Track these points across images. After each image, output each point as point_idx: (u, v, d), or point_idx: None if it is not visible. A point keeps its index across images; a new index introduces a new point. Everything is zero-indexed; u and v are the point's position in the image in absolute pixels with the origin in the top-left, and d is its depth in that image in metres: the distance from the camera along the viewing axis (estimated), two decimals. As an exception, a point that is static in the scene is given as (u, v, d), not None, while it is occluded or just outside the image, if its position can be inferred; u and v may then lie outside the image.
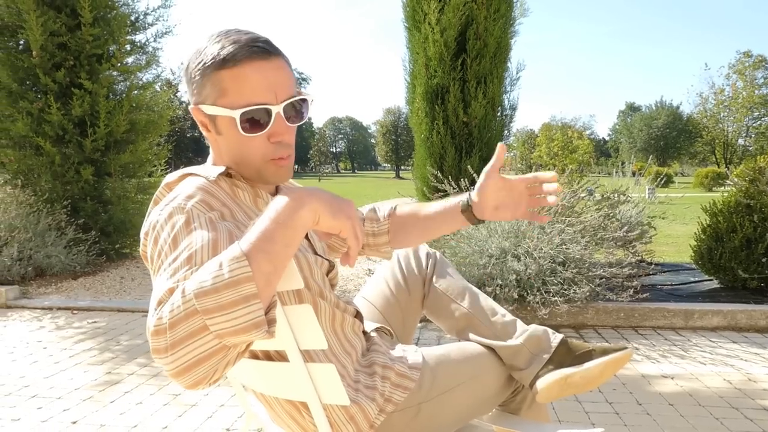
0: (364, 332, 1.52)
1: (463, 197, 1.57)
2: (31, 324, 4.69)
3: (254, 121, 1.19)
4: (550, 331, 1.64)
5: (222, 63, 1.17)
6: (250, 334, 0.87)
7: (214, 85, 1.19)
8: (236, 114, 1.17)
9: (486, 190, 1.52)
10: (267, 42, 1.22)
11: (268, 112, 1.19)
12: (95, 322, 4.75)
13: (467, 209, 1.55)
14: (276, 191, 1.38)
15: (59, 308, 5.17)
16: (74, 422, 2.85)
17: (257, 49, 1.18)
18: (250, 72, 1.17)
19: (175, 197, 1.14)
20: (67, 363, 3.72)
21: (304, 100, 1.26)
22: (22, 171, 7.11)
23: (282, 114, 1.21)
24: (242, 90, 1.17)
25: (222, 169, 1.25)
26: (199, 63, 1.20)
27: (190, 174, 1.25)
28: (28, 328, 4.57)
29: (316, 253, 1.38)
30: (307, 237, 1.40)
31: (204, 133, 1.28)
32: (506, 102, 6.38)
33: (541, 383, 1.55)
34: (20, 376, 3.48)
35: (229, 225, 1.11)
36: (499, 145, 1.47)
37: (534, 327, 1.65)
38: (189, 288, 0.86)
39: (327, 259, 1.40)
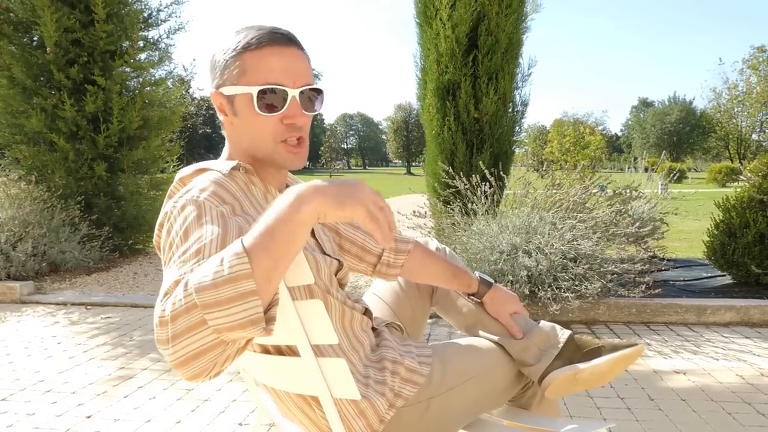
0: (374, 328, 1.53)
1: (479, 288, 1.71)
2: (46, 319, 4.74)
3: (270, 102, 1.23)
4: (558, 327, 1.64)
5: (245, 47, 1.24)
6: (246, 330, 0.87)
7: (236, 66, 1.24)
8: (254, 90, 1.22)
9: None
10: (289, 33, 1.28)
11: (284, 95, 1.23)
12: (109, 317, 4.79)
13: (475, 297, 1.74)
14: (286, 188, 1.39)
15: (73, 304, 5.22)
16: (88, 417, 2.88)
17: (279, 36, 1.25)
18: (270, 54, 1.23)
19: (189, 190, 1.16)
20: (81, 358, 3.76)
21: (319, 91, 1.31)
22: (36, 167, 7.17)
23: (297, 99, 1.25)
24: (261, 69, 1.23)
25: (234, 163, 1.28)
26: (225, 49, 1.26)
27: (204, 169, 1.27)
28: (42, 323, 4.62)
29: (324, 253, 1.39)
30: (314, 236, 1.41)
31: (221, 118, 1.32)
32: (517, 98, 6.32)
33: (550, 379, 1.55)
34: (35, 371, 3.52)
35: (240, 219, 1.13)
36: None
37: (542, 323, 1.65)
38: (191, 282, 0.87)
39: (336, 259, 1.41)
